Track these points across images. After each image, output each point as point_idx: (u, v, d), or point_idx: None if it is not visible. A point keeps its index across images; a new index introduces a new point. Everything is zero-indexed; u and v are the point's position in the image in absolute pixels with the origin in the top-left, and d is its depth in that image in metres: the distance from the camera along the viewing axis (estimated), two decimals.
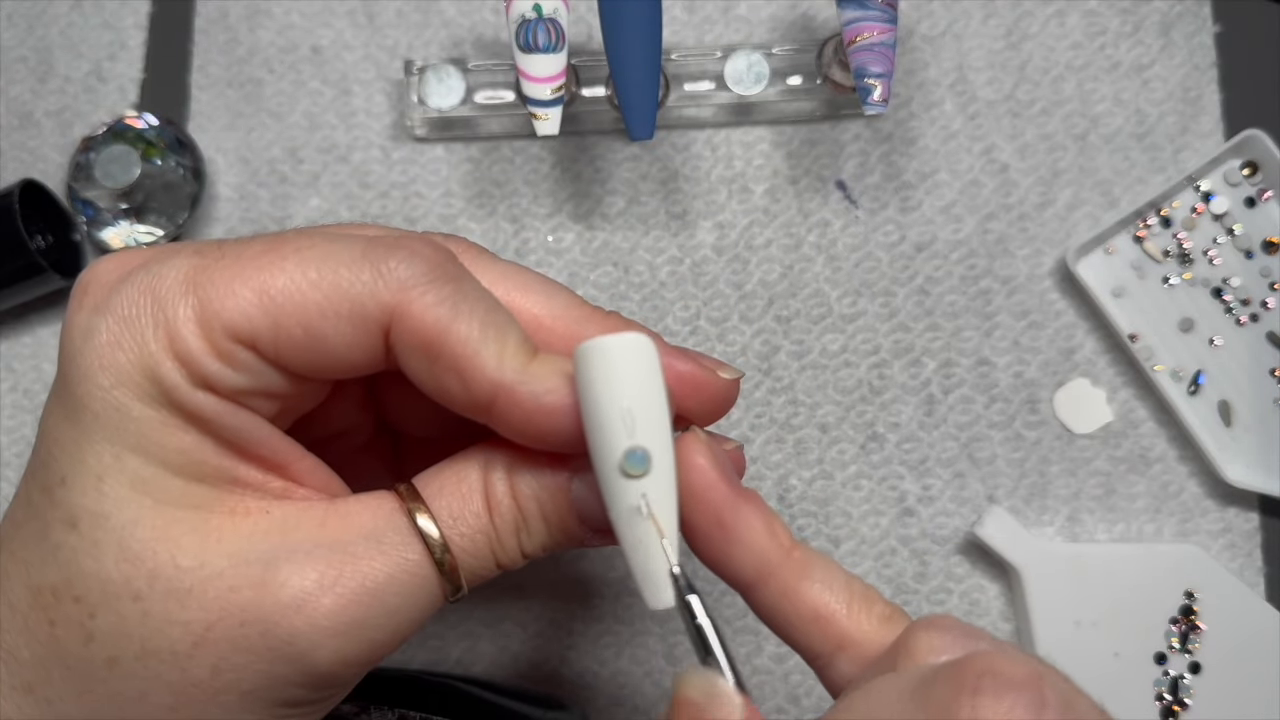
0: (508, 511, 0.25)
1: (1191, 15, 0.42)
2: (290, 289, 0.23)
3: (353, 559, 0.24)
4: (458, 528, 0.25)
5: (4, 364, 0.42)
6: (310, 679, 0.24)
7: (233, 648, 0.23)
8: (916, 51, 0.42)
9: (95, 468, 0.23)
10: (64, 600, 0.23)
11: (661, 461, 0.23)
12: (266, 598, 0.23)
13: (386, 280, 0.23)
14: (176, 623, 0.23)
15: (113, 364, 0.23)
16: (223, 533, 0.24)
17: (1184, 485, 0.39)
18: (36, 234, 0.40)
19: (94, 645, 0.23)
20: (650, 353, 0.23)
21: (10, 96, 0.43)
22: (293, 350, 0.23)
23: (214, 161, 0.42)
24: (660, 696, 0.38)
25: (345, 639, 0.24)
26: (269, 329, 0.23)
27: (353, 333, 0.23)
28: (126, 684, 0.23)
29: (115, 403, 0.23)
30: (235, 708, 0.24)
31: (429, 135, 0.42)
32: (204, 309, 0.23)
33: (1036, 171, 0.41)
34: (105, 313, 0.23)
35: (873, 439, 0.40)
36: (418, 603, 0.25)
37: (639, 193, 0.42)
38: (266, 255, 0.23)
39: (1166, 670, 0.37)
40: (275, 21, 0.43)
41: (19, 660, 0.24)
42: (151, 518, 0.23)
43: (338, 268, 0.23)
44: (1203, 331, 0.40)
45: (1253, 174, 0.40)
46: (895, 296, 0.41)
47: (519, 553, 0.26)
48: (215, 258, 0.24)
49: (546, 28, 0.35)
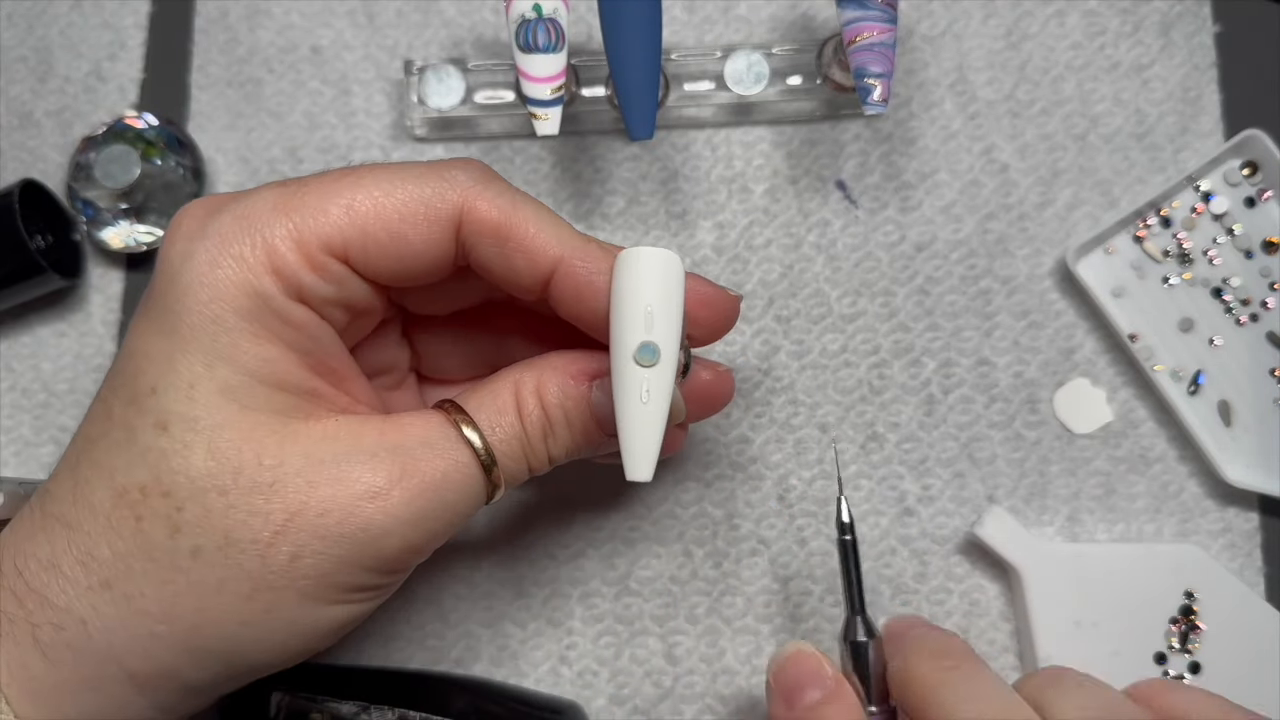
0: (537, 419, 0.29)
1: (1191, 15, 0.42)
2: (372, 201, 0.27)
3: (414, 460, 0.27)
4: (496, 434, 0.28)
5: (4, 364, 0.42)
6: (379, 563, 0.27)
7: (312, 535, 0.26)
8: (916, 51, 0.42)
9: (187, 376, 0.26)
10: (152, 496, 0.26)
11: (667, 359, 0.27)
12: (342, 491, 0.26)
13: (451, 184, 0.27)
14: (259, 514, 0.26)
15: (212, 281, 0.26)
16: (299, 436, 0.27)
17: (1184, 485, 0.39)
18: (36, 234, 0.40)
19: (180, 536, 0.26)
20: (678, 268, 0.27)
21: (10, 96, 0.43)
22: (379, 254, 0.27)
23: (214, 161, 0.42)
24: (660, 696, 0.38)
25: (412, 527, 0.27)
26: (358, 238, 0.27)
27: (429, 230, 0.27)
28: (208, 573, 0.26)
29: (212, 314, 0.26)
30: (309, 592, 0.26)
31: (429, 135, 0.42)
32: (299, 227, 0.26)
33: (1036, 171, 0.41)
34: (202, 238, 0.26)
35: (872, 439, 0.40)
36: (467, 499, 0.28)
37: (639, 193, 0.42)
38: (346, 178, 0.27)
39: (1166, 670, 0.37)
40: (275, 21, 0.43)
41: (98, 559, 0.26)
42: (238, 421, 0.26)
43: (408, 181, 0.27)
44: (1203, 331, 0.40)
45: (1253, 174, 0.40)
46: (895, 296, 0.41)
47: (546, 455, 0.29)
48: (298, 186, 0.27)
49: (546, 28, 0.35)
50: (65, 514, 0.26)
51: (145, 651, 0.26)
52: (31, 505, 0.28)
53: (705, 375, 0.32)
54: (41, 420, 0.41)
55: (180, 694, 0.27)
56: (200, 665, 0.27)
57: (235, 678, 0.28)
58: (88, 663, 0.26)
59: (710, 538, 0.39)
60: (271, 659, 0.27)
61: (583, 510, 0.39)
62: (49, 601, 0.26)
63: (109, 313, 0.42)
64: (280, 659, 0.28)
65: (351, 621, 0.28)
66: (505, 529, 0.39)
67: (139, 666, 0.26)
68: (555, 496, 0.39)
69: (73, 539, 0.26)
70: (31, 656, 0.25)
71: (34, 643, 0.26)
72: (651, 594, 0.39)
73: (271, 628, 0.26)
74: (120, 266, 0.42)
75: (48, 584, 0.26)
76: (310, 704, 0.34)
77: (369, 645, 0.39)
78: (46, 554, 0.26)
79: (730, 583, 0.39)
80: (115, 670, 0.26)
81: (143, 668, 0.26)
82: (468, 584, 0.39)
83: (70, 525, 0.26)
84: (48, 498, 0.27)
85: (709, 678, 0.38)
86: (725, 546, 0.39)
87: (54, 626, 0.26)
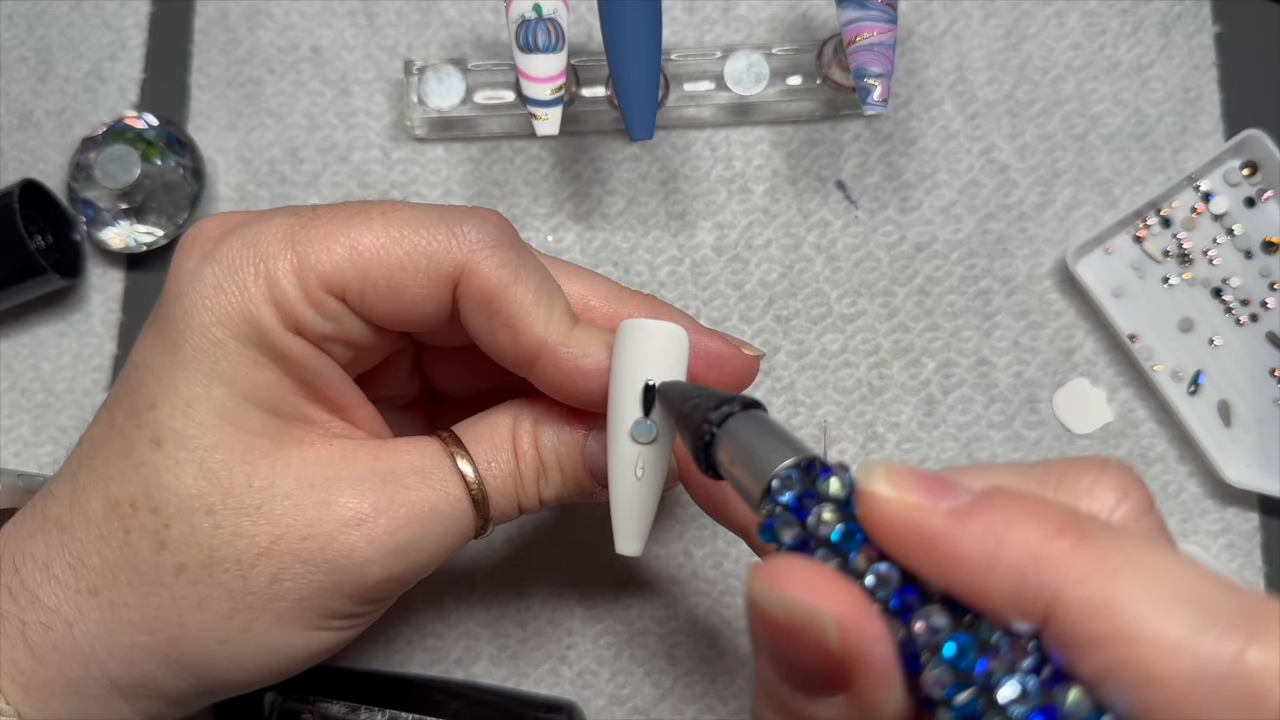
0: (531, 460, 0.29)
1: (1191, 15, 0.42)
2: (377, 246, 0.26)
3: (404, 489, 0.27)
4: (490, 469, 0.28)
5: (4, 364, 0.42)
6: (359, 591, 0.27)
7: (294, 559, 0.26)
8: (916, 52, 0.42)
9: (186, 394, 0.26)
10: (141, 510, 0.26)
11: (664, 437, 0.26)
12: (328, 516, 0.26)
13: (459, 241, 0.27)
14: (245, 535, 0.26)
15: (215, 305, 0.26)
16: (290, 460, 0.27)
17: (1184, 485, 0.39)
18: (36, 234, 0.40)
19: (165, 552, 0.26)
20: (683, 343, 0.27)
21: (10, 96, 0.43)
22: (376, 299, 0.27)
23: (214, 161, 0.42)
24: (660, 696, 0.38)
25: (395, 556, 0.27)
26: (357, 280, 0.26)
27: (428, 285, 0.27)
28: (190, 590, 0.26)
29: (214, 338, 0.26)
30: (287, 615, 0.26)
31: (429, 135, 0.42)
32: (301, 262, 0.26)
33: (1036, 172, 0.41)
34: (212, 261, 0.27)
35: (872, 439, 0.40)
36: (455, 532, 0.28)
37: (639, 193, 0.42)
38: (357, 217, 0.27)
39: None
40: (275, 22, 0.43)
41: (88, 565, 0.26)
42: (231, 442, 0.26)
43: (418, 229, 0.27)
44: (1202, 331, 0.40)
45: (1252, 174, 0.40)
46: (895, 296, 0.41)
47: (537, 498, 0.29)
48: (310, 218, 0.27)
49: (546, 28, 0.35)
50: (62, 517, 0.27)
51: (126, 659, 0.26)
52: (34, 504, 0.28)
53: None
54: (41, 420, 0.41)
55: (162, 703, 0.27)
56: (178, 677, 0.27)
57: (212, 693, 0.28)
58: (72, 664, 0.26)
59: (710, 538, 0.39)
60: (246, 678, 0.28)
61: (583, 510, 0.39)
62: (40, 601, 0.26)
63: (109, 313, 0.42)
64: (255, 679, 0.28)
65: (327, 649, 0.28)
66: (505, 529, 0.39)
67: (120, 673, 0.26)
68: None
69: (66, 543, 0.27)
70: (21, 652, 0.26)
71: (23, 639, 0.26)
72: (651, 594, 0.39)
73: (247, 647, 0.27)
74: (120, 267, 0.42)
75: (40, 584, 0.26)
76: (302, 705, 0.35)
77: (369, 646, 0.39)
78: (42, 555, 0.27)
79: (730, 583, 0.39)
80: (98, 674, 0.26)
81: (124, 674, 0.27)
82: (468, 584, 0.39)
83: (65, 529, 0.27)
84: (49, 499, 0.28)
85: (709, 678, 0.38)
86: (725, 546, 0.39)
87: (42, 626, 0.26)
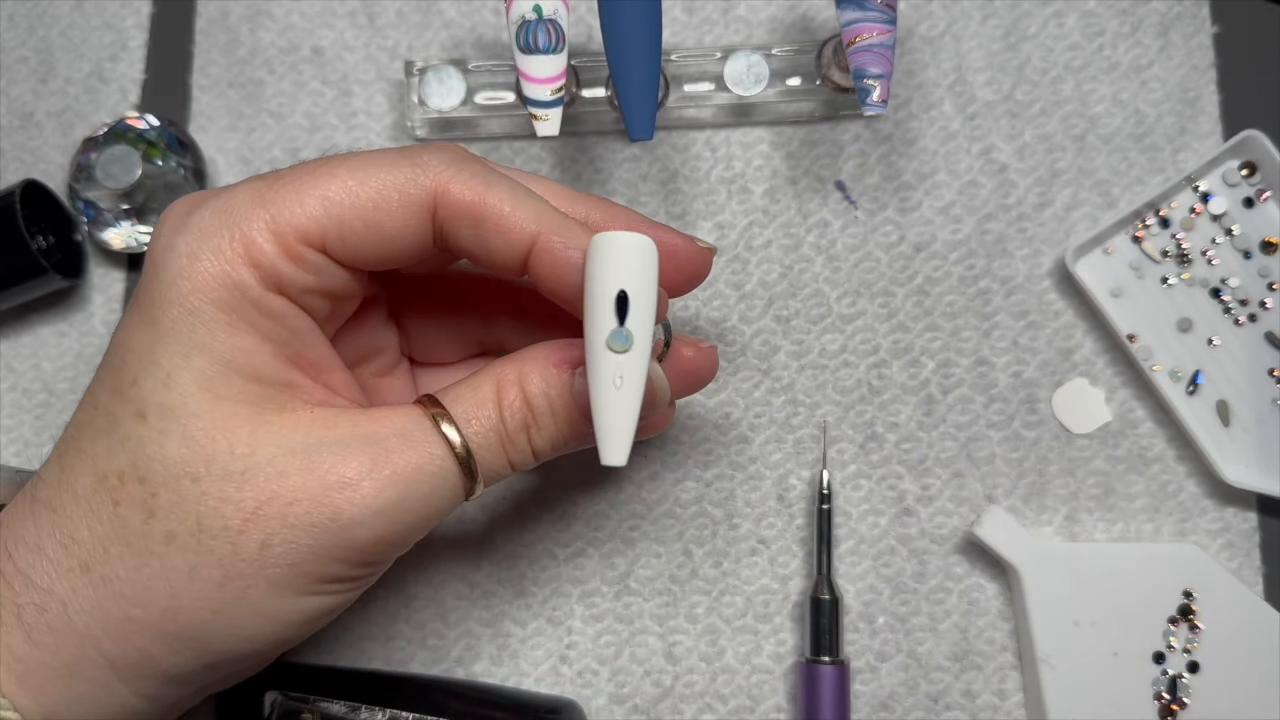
0: (518, 411, 0.29)
1: (1190, 16, 0.42)
2: (346, 191, 0.27)
3: (386, 451, 0.27)
4: (472, 426, 0.28)
5: (4, 364, 0.42)
6: (350, 554, 0.27)
7: (281, 523, 0.26)
8: (915, 52, 0.42)
9: (166, 366, 0.27)
10: (128, 482, 0.27)
11: (640, 344, 0.27)
12: (313, 481, 0.27)
13: (424, 169, 0.28)
14: (230, 501, 0.26)
15: (191, 273, 0.27)
16: (272, 426, 0.27)
17: (1182, 485, 0.39)
18: (38, 234, 0.40)
19: (154, 521, 0.26)
20: (651, 254, 0.27)
21: (11, 97, 0.43)
22: (358, 242, 0.28)
23: (215, 162, 0.43)
24: (660, 696, 0.38)
25: (381, 518, 0.27)
26: (335, 228, 0.27)
27: (404, 216, 0.28)
28: (180, 558, 0.26)
29: (191, 306, 0.27)
30: (280, 581, 0.27)
31: (429, 136, 0.42)
32: (276, 219, 0.27)
33: (1035, 172, 0.41)
34: (184, 232, 0.27)
35: (872, 439, 0.40)
36: (442, 493, 0.28)
37: (639, 193, 0.42)
38: (321, 169, 0.28)
39: (1165, 670, 0.37)
40: (276, 22, 0.43)
41: (78, 541, 0.27)
42: (212, 410, 0.27)
43: (383, 168, 0.28)
44: (1201, 332, 0.40)
45: (1251, 174, 0.40)
46: (894, 297, 0.41)
47: (529, 450, 0.29)
48: (274, 179, 0.28)
49: (546, 29, 0.35)
50: (51, 499, 0.27)
51: (121, 634, 0.27)
52: (25, 491, 0.28)
53: (687, 352, 0.32)
54: (42, 420, 0.41)
55: (160, 682, 0.28)
56: (174, 651, 0.27)
57: (211, 667, 0.28)
58: (67, 645, 0.26)
59: (710, 537, 0.39)
60: (243, 648, 0.28)
61: (583, 510, 0.39)
62: (33, 583, 0.26)
63: (110, 313, 0.42)
64: (252, 649, 0.28)
65: (324, 614, 0.29)
66: (506, 529, 0.39)
67: (116, 651, 0.27)
68: (555, 496, 0.40)
69: (56, 522, 0.27)
70: (17, 638, 0.26)
71: (19, 623, 0.26)
72: (651, 593, 0.39)
73: (242, 615, 0.27)
74: (121, 267, 0.42)
75: (33, 565, 0.27)
76: (302, 704, 0.35)
77: (369, 645, 0.39)
78: (33, 537, 0.27)
79: (730, 582, 0.39)
80: (94, 654, 0.27)
81: (120, 652, 0.27)
82: (468, 584, 0.39)
83: (55, 509, 0.27)
84: (39, 484, 0.28)
85: (709, 677, 0.38)
86: (725, 546, 0.39)
87: (37, 608, 0.26)
